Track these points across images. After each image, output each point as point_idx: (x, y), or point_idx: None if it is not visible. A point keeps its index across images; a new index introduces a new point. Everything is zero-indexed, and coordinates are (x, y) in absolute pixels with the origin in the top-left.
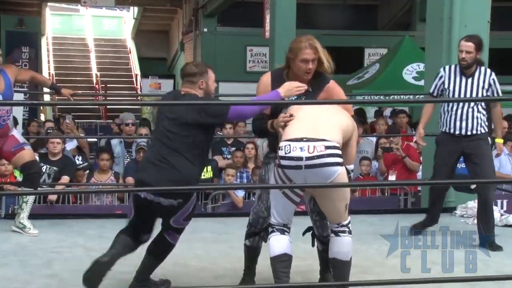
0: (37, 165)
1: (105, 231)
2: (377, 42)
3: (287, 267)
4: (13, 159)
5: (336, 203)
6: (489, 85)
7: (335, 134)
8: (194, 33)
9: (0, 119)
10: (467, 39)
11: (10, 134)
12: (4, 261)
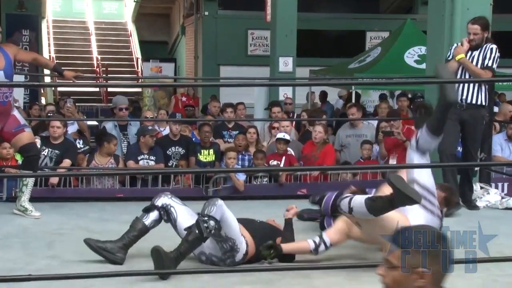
0: (36, 148)
1: (106, 214)
2: (379, 25)
3: None
4: (13, 140)
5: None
6: (486, 53)
7: None
8: (195, 16)
9: (3, 95)
10: (473, 22)
11: (11, 113)
12: (6, 243)
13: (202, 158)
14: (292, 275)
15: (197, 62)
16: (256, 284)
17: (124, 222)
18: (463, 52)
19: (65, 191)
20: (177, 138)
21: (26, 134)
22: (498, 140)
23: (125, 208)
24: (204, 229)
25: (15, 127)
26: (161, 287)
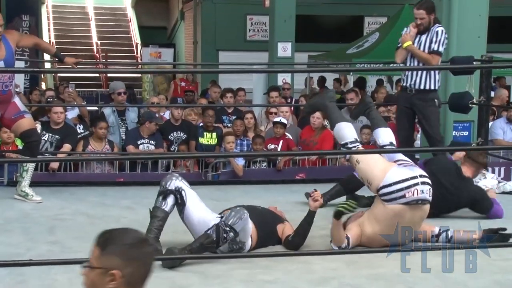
0: (37, 133)
1: (107, 199)
2: (377, 10)
3: None
4: (13, 126)
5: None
6: (432, 36)
7: None
8: (194, 1)
9: (3, 85)
10: (418, 7)
11: (12, 100)
12: (8, 227)
13: (204, 141)
14: (289, 261)
15: (196, 47)
16: (255, 270)
17: (125, 207)
18: (410, 39)
19: (66, 175)
20: (178, 123)
21: (26, 120)
22: (500, 124)
23: (125, 193)
24: (222, 239)
25: (14, 113)
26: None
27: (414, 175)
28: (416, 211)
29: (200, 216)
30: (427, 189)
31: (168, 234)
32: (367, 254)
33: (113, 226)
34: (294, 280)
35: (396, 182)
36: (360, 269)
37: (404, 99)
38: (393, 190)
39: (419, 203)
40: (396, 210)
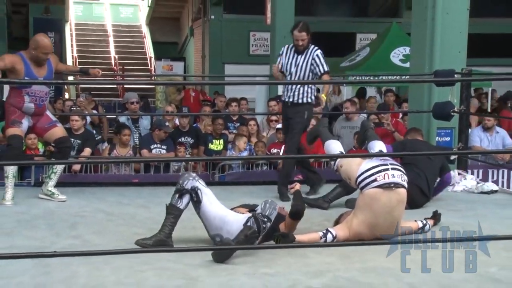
0: (69, 140)
1: (124, 198)
2: (368, 28)
3: None
4: (46, 134)
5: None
6: (312, 60)
7: None
8: (202, 19)
9: (40, 99)
10: (300, 30)
11: (45, 113)
12: (34, 223)
13: (213, 147)
14: (289, 255)
15: (204, 60)
16: (259, 263)
17: (140, 206)
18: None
19: (86, 177)
20: (186, 129)
21: (59, 129)
22: (477, 132)
23: (140, 193)
24: (262, 229)
25: (47, 123)
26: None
27: (384, 163)
28: (392, 194)
29: (216, 212)
30: (398, 174)
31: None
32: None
33: (129, 222)
34: (293, 272)
35: (368, 169)
36: (353, 263)
37: (284, 111)
38: (366, 176)
39: (392, 186)
40: (372, 193)
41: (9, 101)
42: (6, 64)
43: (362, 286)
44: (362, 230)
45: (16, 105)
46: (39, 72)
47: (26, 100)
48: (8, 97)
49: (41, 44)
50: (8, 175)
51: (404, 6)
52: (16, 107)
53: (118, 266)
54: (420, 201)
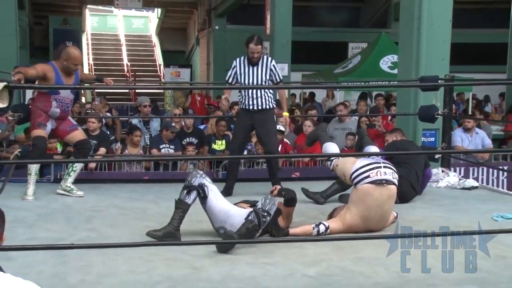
0: (89, 142)
1: (135, 194)
2: (359, 37)
3: None
4: (67, 136)
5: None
6: (270, 70)
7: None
8: (207, 30)
9: (65, 105)
10: (256, 43)
11: (68, 118)
12: (53, 217)
13: (216, 147)
14: (287, 246)
15: (209, 67)
16: (259, 254)
17: (150, 201)
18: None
19: (101, 174)
20: (190, 130)
21: (80, 132)
22: (459, 133)
23: (150, 189)
24: (262, 222)
25: (69, 126)
26: (179, 257)
27: (377, 161)
28: (383, 190)
29: (220, 207)
30: (389, 172)
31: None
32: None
33: (140, 216)
34: (291, 262)
35: (362, 167)
36: (346, 254)
37: (248, 117)
38: (360, 173)
39: (383, 183)
40: (365, 188)
41: (36, 105)
42: (38, 72)
43: (354, 274)
44: (355, 223)
45: (43, 109)
46: (67, 80)
47: (53, 105)
48: (36, 101)
49: (72, 56)
50: (31, 172)
51: (392, 17)
52: (43, 111)
53: (130, 256)
54: (410, 196)
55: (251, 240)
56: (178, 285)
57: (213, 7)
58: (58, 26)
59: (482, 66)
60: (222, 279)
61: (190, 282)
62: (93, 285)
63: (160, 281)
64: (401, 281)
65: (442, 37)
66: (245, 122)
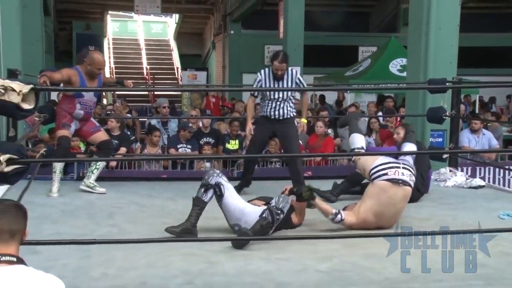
0: (111, 143)
1: (154, 192)
2: (369, 41)
3: None
4: (91, 137)
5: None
6: (296, 84)
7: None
8: (223, 34)
9: (89, 107)
10: (280, 61)
11: (91, 119)
12: (76, 213)
13: (230, 147)
14: (300, 243)
15: (225, 70)
16: (272, 249)
17: (168, 198)
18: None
19: (122, 172)
20: (207, 130)
21: (103, 133)
22: (466, 134)
23: (168, 187)
24: (276, 220)
25: (92, 127)
26: (196, 252)
27: (397, 162)
28: (398, 189)
29: (236, 204)
30: (407, 174)
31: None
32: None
33: (159, 213)
34: (303, 258)
35: (381, 164)
36: (356, 250)
37: (268, 125)
38: (378, 169)
39: (400, 183)
40: (381, 185)
41: (61, 107)
42: (63, 76)
43: (364, 269)
44: (368, 217)
45: (68, 110)
46: (91, 84)
47: (77, 107)
48: (61, 103)
49: (96, 61)
50: (55, 171)
51: (402, 22)
52: (67, 112)
53: (149, 251)
54: (415, 196)
55: (265, 237)
56: (194, 279)
57: (228, 13)
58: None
59: (489, 69)
60: (237, 273)
61: (206, 276)
62: (114, 278)
63: (178, 275)
64: (409, 276)
65: (450, 41)
66: (266, 130)
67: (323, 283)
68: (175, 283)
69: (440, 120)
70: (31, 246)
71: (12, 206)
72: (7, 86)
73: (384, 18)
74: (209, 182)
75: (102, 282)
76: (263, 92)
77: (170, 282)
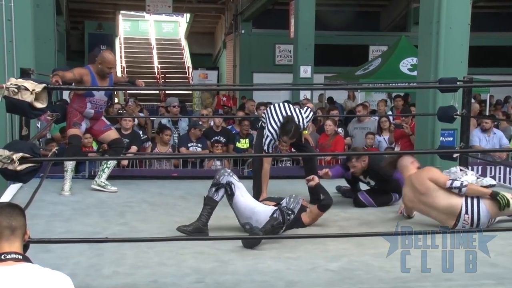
0: (122, 141)
1: (164, 190)
2: (380, 40)
3: None
4: (102, 136)
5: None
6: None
7: None
8: (234, 34)
9: (100, 106)
10: (291, 137)
11: (101, 118)
12: (88, 212)
13: (240, 146)
14: (310, 242)
15: (236, 70)
16: (283, 249)
17: (179, 197)
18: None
19: (133, 171)
20: (219, 129)
21: (114, 132)
22: (477, 134)
23: (178, 185)
24: (286, 220)
25: (103, 126)
26: (207, 250)
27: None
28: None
29: (246, 203)
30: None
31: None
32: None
33: (170, 212)
34: (313, 257)
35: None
36: (366, 249)
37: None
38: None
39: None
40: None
41: (72, 106)
42: (75, 75)
43: (374, 268)
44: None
45: (79, 109)
46: (102, 83)
47: (88, 106)
48: (72, 102)
49: (106, 59)
50: (67, 169)
51: (412, 21)
52: (78, 111)
53: (160, 250)
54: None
55: (275, 236)
56: (205, 277)
57: (239, 12)
58: (93, 30)
59: (500, 69)
60: (247, 272)
61: (217, 274)
62: (126, 276)
63: (189, 273)
64: (419, 275)
65: (460, 40)
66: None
67: (333, 282)
68: (186, 281)
69: (450, 119)
70: (44, 244)
71: (6, 205)
72: (20, 85)
73: (395, 17)
74: (220, 181)
75: (113, 280)
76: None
77: (181, 281)
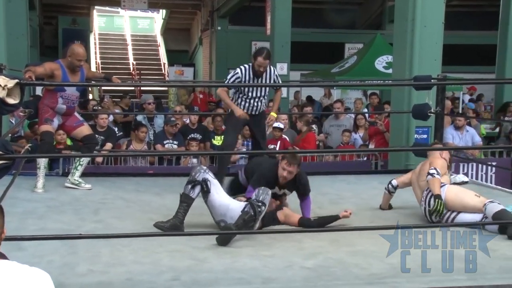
0: (95, 137)
1: (140, 187)
2: (355, 38)
3: None
4: (74, 132)
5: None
6: (273, 81)
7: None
8: (210, 30)
9: (72, 102)
10: (264, 58)
11: (74, 113)
12: (62, 209)
13: (215, 142)
14: (286, 240)
15: (212, 66)
16: (259, 246)
17: (155, 194)
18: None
19: (108, 168)
20: (195, 126)
21: (86, 127)
22: (450, 131)
23: (154, 182)
24: (258, 212)
25: (75, 122)
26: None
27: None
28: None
29: (221, 201)
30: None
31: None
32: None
33: (145, 209)
34: (289, 255)
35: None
36: (341, 247)
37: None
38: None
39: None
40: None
41: (43, 102)
42: (46, 70)
43: (349, 266)
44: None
45: (50, 105)
46: (73, 78)
47: (59, 101)
48: (43, 98)
49: (75, 52)
50: (40, 166)
51: (387, 19)
52: (49, 107)
53: (136, 247)
54: None
55: (251, 231)
56: (182, 275)
57: (215, 9)
58: (67, 26)
59: (473, 67)
60: (224, 270)
61: (194, 272)
62: (100, 275)
63: (165, 271)
64: (394, 272)
65: (435, 38)
66: (241, 121)
67: (309, 279)
68: (162, 279)
69: (425, 116)
70: (16, 242)
71: None
72: None
73: (370, 15)
74: (196, 179)
75: (88, 278)
76: (240, 88)
77: (157, 278)
